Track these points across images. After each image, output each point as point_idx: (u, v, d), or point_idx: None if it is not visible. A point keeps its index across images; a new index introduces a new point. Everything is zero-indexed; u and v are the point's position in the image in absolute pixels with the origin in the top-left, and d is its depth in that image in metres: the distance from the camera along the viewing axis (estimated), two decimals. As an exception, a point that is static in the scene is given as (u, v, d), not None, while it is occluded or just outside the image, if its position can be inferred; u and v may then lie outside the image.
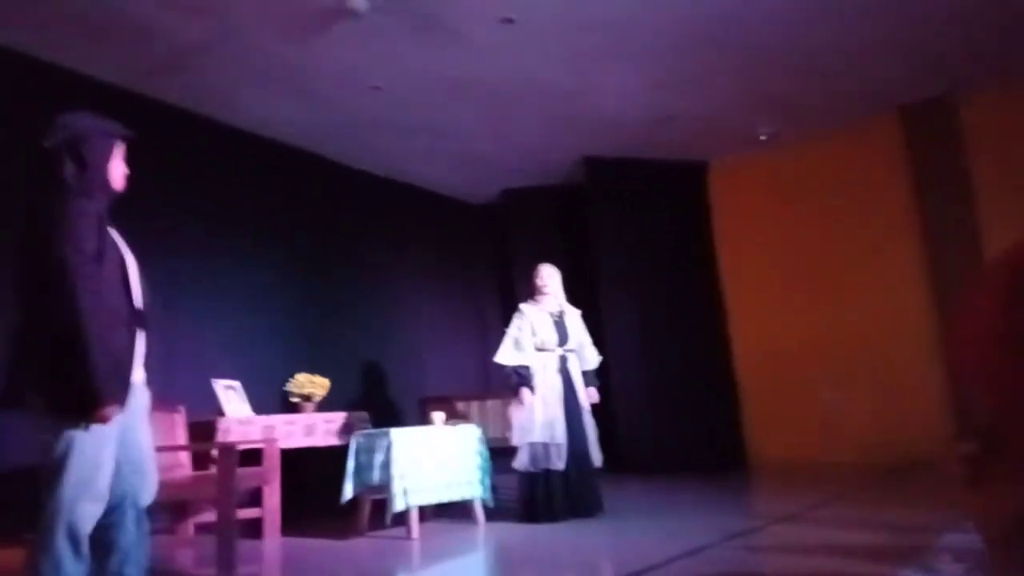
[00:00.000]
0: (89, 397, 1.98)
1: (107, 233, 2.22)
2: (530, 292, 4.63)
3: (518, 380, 4.31)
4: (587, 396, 4.45)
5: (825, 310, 6.73)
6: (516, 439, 4.27)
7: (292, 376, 4.89)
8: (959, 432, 5.64)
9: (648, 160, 7.27)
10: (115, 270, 2.21)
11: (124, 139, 2.34)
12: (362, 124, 6.06)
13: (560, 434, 4.21)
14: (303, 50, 4.85)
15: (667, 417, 6.35)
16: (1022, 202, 5.79)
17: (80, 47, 4.60)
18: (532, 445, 4.19)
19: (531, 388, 4.28)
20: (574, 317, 4.59)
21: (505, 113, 6.11)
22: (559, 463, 4.16)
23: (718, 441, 6.78)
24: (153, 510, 4.30)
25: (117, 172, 2.32)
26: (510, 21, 4.71)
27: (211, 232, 5.47)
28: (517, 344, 4.40)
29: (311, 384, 4.78)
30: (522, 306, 4.55)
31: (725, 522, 3.86)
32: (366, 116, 5.92)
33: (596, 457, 4.33)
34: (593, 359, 4.60)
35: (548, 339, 4.41)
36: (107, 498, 2.08)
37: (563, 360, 4.42)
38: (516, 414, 4.29)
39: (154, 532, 4.26)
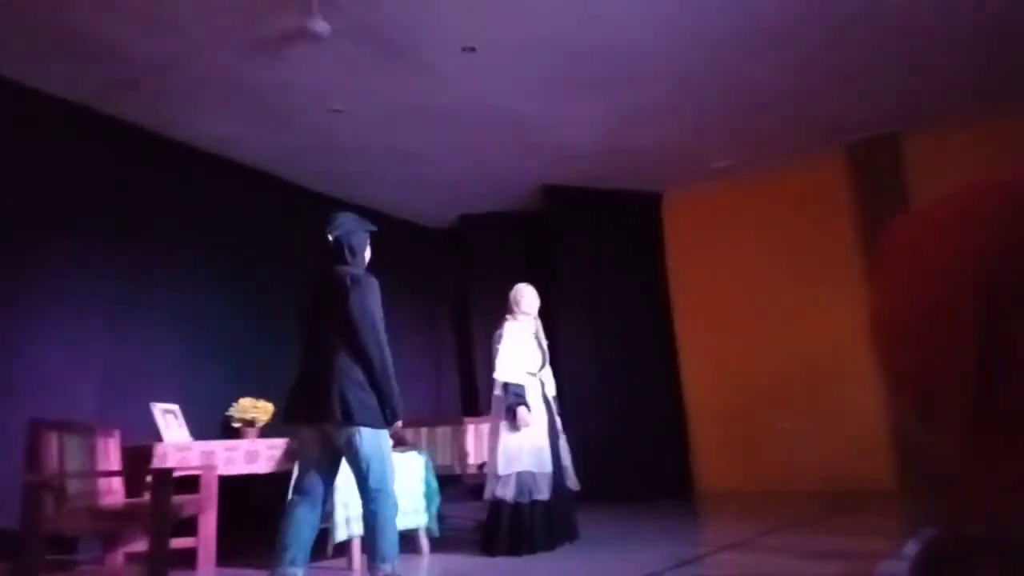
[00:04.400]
0: (394, 412, 2.95)
1: None
2: (508, 310, 4.38)
3: (516, 400, 4.04)
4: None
5: (775, 340, 6.83)
6: (502, 467, 4.00)
7: (235, 401, 4.74)
8: (904, 465, 5.74)
9: (605, 189, 7.35)
10: None
11: (373, 234, 3.28)
12: (321, 147, 6.01)
13: (547, 462, 4.01)
14: (264, 71, 4.81)
15: (617, 445, 6.34)
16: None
17: (34, 62, 4.49)
18: (520, 475, 3.97)
19: (528, 408, 4.04)
20: (544, 340, 4.43)
21: (466, 140, 6.13)
22: (545, 493, 3.97)
23: (667, 469, 6.79)
24: (82, 539, 4.14)
25: (368, 256, 3.26)
26: (472, 50, 4.75)
27: (160, 251, 5.34)
28: (514, 362, 4.16)
29: (254, 409, 4.65)
30: (508, 324, 4.29)
31: (673, 550, 3.84)
32: (325, 139, 5.88)
33: (572, 482, 4.19)
34: (553, 385, 4.45)
35: (533, 362, 4.23)
36: None
37: (542, 384, 4.26)
38: (504, 439, 4.04)
39: (82, 562, 4.08)
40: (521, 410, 4.02)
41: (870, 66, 5.26)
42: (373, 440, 2.88)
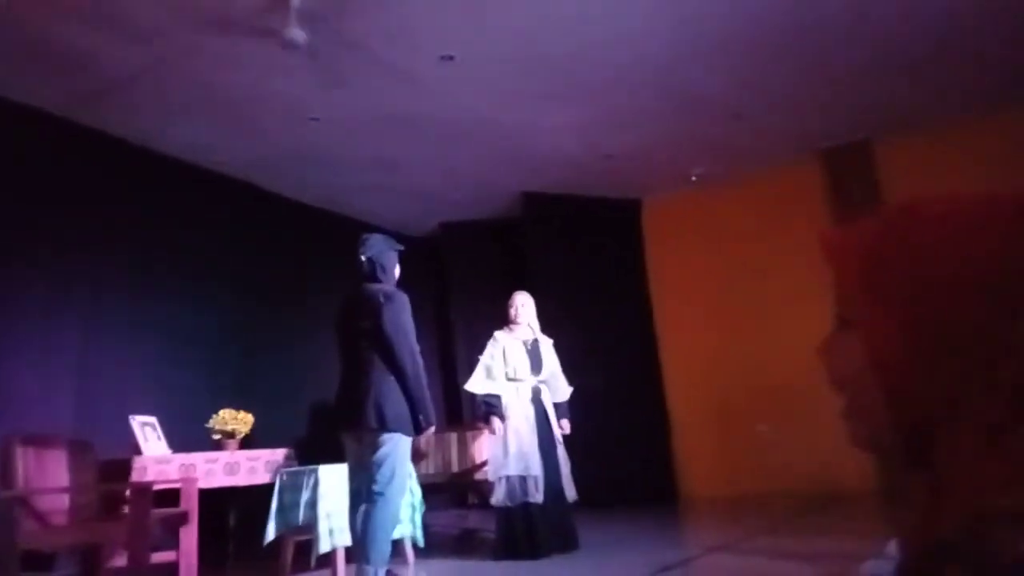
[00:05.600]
0: (427, 419, 3.20)
1: None
2: (504, 320, 4.47)
3: (487, 409, 4.17)
4: (559, 428, 4.31)
5: (754, 345, 6.90)
6: (491, 474, 4.13)
7: (216, 412, 4.68)
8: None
9: (584, 197, 7.39)
10: None
11: (400, 252, 3.53)
12: (299, 155, 5.98)
13: (535, 465, 4.04)
14: (240, 79, 4.78)
15: (599, 451, 6.34)
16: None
17: (4, 71, 4.41)
18: (508, 479, 4.01)
19: (501, 417, 4.12)
20: (547, 347, 4.45)
21: (444, 148, 6.13)
22: (537, 496, 3.98)
23: (650, 474, 6.82)
24: (60, 555, 4.06)
25: (398, 273, 3.50)
26: (451, 59, 4.76)
27: (136, 260, 5.27)
28: (488, 372, 4.25)
29: (234, 420, 4.59)
30: (497, 334, 4.40)
31: (658, 554, 3.85)
32: (304, 147, 5.85)
33: (570, 491, 4.18)
34: (564, 390, 4.46)
35: (521, 368, 4.26)
36: None
37: (536, 391, 4.27)
38: (490, 447, 4.18)
39: (59, 580, 3.99)
40: (494, 420, 4.13)
41: (842, 75, 5.36)
42: (396, 446, 3.10)
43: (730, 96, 5.55)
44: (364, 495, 3.16)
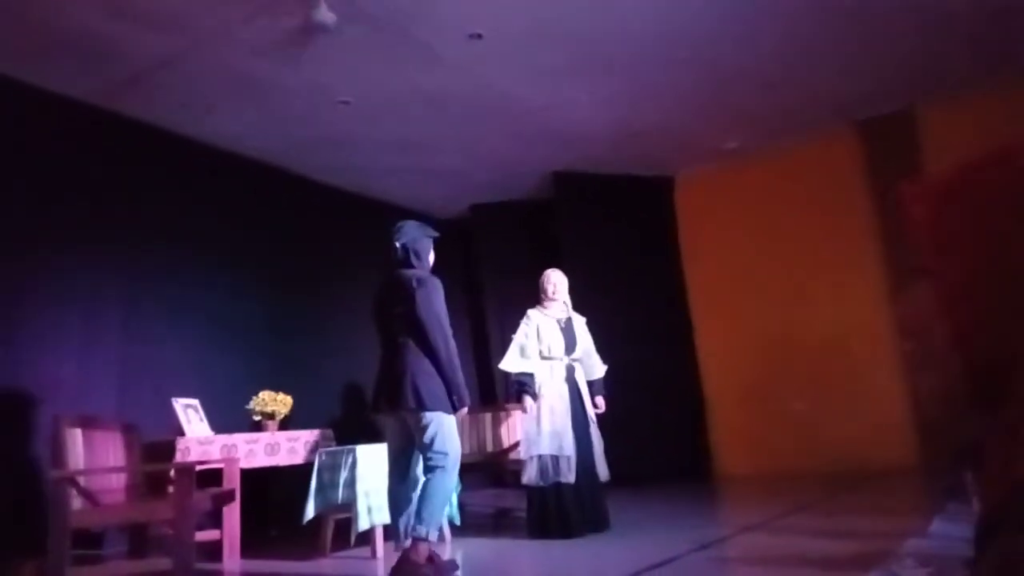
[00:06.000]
0: (460, 399, 3.29)
1: None
2: (537, 298, 4.42)
3: (519, 388, 4.15)
4: (593, 406, 4.28)
5: (791, 321, 6.80)
6: (523, 452, 4.12)
7: (255, 394, 4.78)
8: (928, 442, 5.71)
9: (615, 175, 7.32)
10: None
11: (435, 239, 3.61)
12: (330, 139, 6.01)
13: (568, 445, 4.00)
14: (270, 64, 4.81)
15: (635, 429, 6.33)
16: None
17: (37, 60, 4.50)
18: (540, 458, 3.99)
19: (534, 396, 4.10)
20: (581, 324, 4.40)
21: (474, 128, 6.11)
22: (570, 476, 3.96)
23: (683, 452, 6.79)
24: (108, 534, 4.20)
25: (432, 259, 3.59)
26: (479, 36, 4.73)
27: (173, 247, 5.37)
28: (523, 351, 4.21)
29: (274, 402, 4.68)
30: (530, 312, 4.35)
31: (691, 533, 3.84)
32: (334, 131, 5.88)
33: (603, 471, 4.15)
34: (599, 368, 4.41)
35: (555, 346, 4.21)
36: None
37: (570, 369, 4.23)
38: (526, 425, 4.14)
39: (109, 557, 4.14)
40: (526, 399, 4.11)
41: (882, 44, 5.19)
42: (440, 423, 3.21)
43: (763, 65, 5.42)
44: (405, 476, 3.32)
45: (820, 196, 6.79)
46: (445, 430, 3.23)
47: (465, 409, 3.35)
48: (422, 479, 3.27)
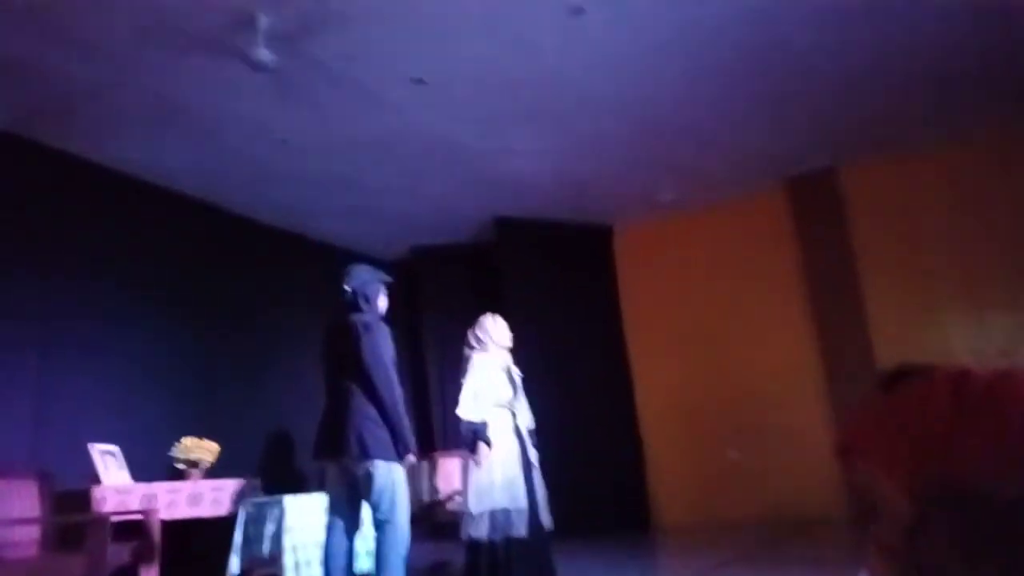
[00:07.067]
0: (406, 447, 3.23)
1: None
2: (475, 342, 4.23)
3: (475, 437, 3.91)
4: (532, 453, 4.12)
5: (725, 371, 6.95)
6: (473, 505, 3.85)
7: (178, 440, 4.56)
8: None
9: (557, 221, 7.42)
10: None
11: (386, 284, 3.61)
12: (267, 176, 5.91)
13: (522, 497, 3.84)
14: (206, 99, 4.72)
15: (575, 479, 6.31)
16: (901, 268, 6.26)
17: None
18: (492, 513, 3.80)
19: (488, 444, 3.89)
20: (517, 371, 4.28)
21: (417, 171, 6.12)
22: (522, 529, 3.78)
23: (621, 502, 6.79)
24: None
25: (383, 304, 3.58)
26: (422, 81, 4.77)
27: (94, 283, 5.12)
28: (476, 396, 4.00)
29: (199, 448, 4.47)
30: (475, 357, 4.15)
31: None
32: (272, 169, 5.79)
33: (546, 520, 3.97)
34: (530, 417, 4.24)
35: (503, 394, 4.06)
36: None
37: (514, 416, 4.08)
38: (473, 476, 3.91)
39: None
40: (481, 447, 3.90)
41: (807, 103, 5.48)
42: (387, 473, 3.16)
43: (695, 122, 5.64)
44: (348, 525, 3.25)
45: (752, 248, 7.04)
46: (392, 480, 3.17)
47: (412, 457, 3.29)
48: (368, 529, 3.16)
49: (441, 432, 7.02)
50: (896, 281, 6.26)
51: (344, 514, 3.26)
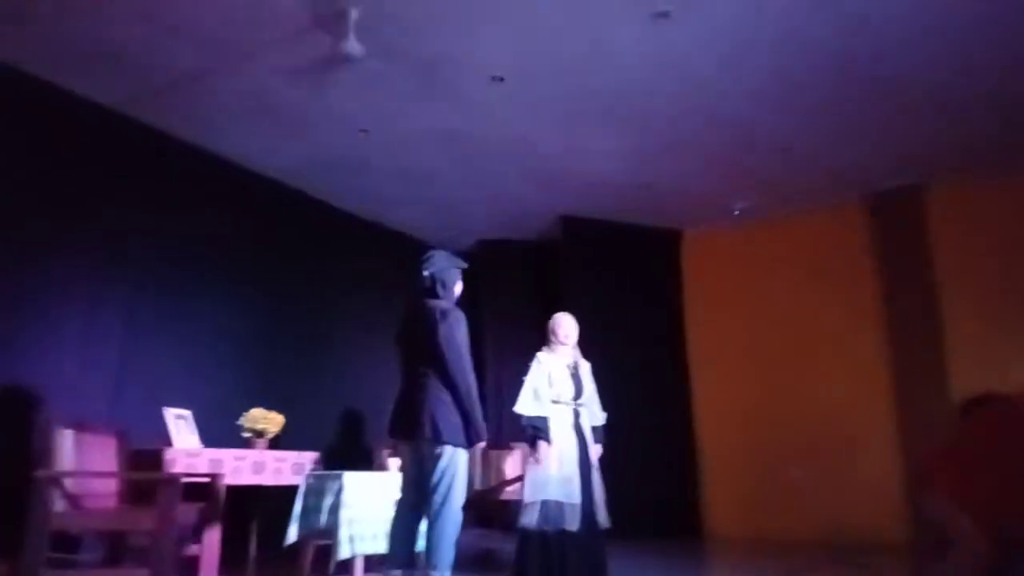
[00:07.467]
0: (478, 434, 3.30)
1: None
2: (544, 340, 4.31)
3: (534, 433, 3.98)
4: (594, 452, 4.16)
5: (790, 386, 6.78)
6: (528, 495, 3.93)
7: (247, 410, 4.76)
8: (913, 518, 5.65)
9: (624, 224, 7.38)
10: None
11: (463, 270, 3.65)
12: (347, 165, 6.10)
13: (576, 492, 3.89)
14: (297, 89, 4.91)
15: (628, 482, 6.27)
16: (983, 290, 5.97)
17: (73, 67, 4.60)
18: (546, 503, 3.85)
19: (548, 441, 3.97)
20: (587, 370, 4.32)
21: (488, 166, 6.20)
22: (574, 524, 3.83)
23: (675, 508, 6.72)
24: (86, 539, 4.14)
25: (459, 290, 3.62)
26: (501, 79, 4.83)
27: (179, 257, 5.40)
28: (536, 394, 4.07)
29: (265, 420, 4.64)
30: (540, 354, 4.24)
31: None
32: (351, 157, 5.96)
33: (603, 518, 4.01)
34: (600, 415, 4.30)
35: (564, 391, 4.12)
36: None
37: (576, 415, 4.13)
38: (530, 469, 3.99)
39: (84, 563, 4.08)
40: (541, 444, 3.95)
41: (894, 118, 5.30)
42: (452, 458, 3.22)
43: (775, 132, 5.52)
44: (416, 505, 3.32)
45: (825, 265, 6.84)
46: (456, 465, 3.23)
47: (483, 444, 3.35)
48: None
49: (495, 424, 7.07)
50: (978, 306, 5.98)
51: (413, 493, 3.33)
